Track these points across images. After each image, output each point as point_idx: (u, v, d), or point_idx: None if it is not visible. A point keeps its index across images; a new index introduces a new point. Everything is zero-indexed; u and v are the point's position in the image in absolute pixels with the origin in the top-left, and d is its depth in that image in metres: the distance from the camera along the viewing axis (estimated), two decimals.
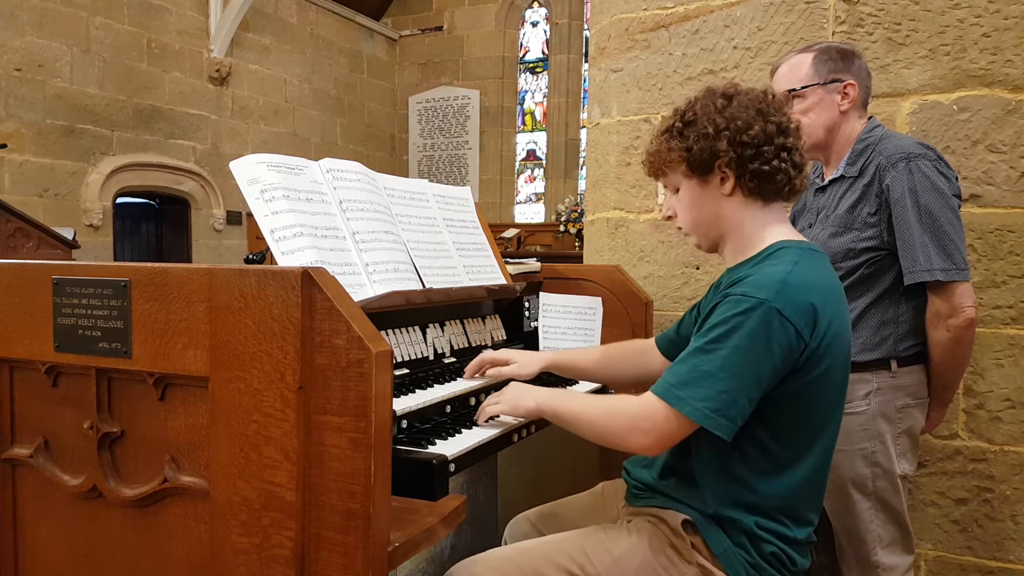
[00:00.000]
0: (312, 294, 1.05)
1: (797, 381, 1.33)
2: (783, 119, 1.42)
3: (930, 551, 2.24)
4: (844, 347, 1.40)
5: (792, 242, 1.42)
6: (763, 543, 1.38)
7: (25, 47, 6.31)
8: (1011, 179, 2.11)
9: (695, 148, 1.43)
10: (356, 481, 1.05)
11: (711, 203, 1.46)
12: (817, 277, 1.37)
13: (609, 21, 2.79)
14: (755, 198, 1.44)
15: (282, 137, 8.98)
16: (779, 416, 1.35)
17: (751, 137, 1.39)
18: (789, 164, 1.41)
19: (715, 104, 1.43)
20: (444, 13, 10.72)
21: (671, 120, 1.48)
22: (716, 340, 1.31)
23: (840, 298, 1.42)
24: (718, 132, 1.40)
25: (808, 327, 1.31)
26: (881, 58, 2.24)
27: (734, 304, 1.31)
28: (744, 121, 1.40)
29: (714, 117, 1.41)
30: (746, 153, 1.40)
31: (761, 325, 1.28)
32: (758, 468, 1.37)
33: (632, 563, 1.41)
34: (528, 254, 8.35)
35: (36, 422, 1.33)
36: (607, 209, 2.83)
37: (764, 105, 1.42)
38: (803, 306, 1.30)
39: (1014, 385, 2.14)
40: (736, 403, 1.29)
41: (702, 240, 1.52)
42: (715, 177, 1.44)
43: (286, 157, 1.58)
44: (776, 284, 1.31)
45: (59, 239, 4.89)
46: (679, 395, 1.30)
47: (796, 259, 1.37)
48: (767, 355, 1.28)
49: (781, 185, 1.43)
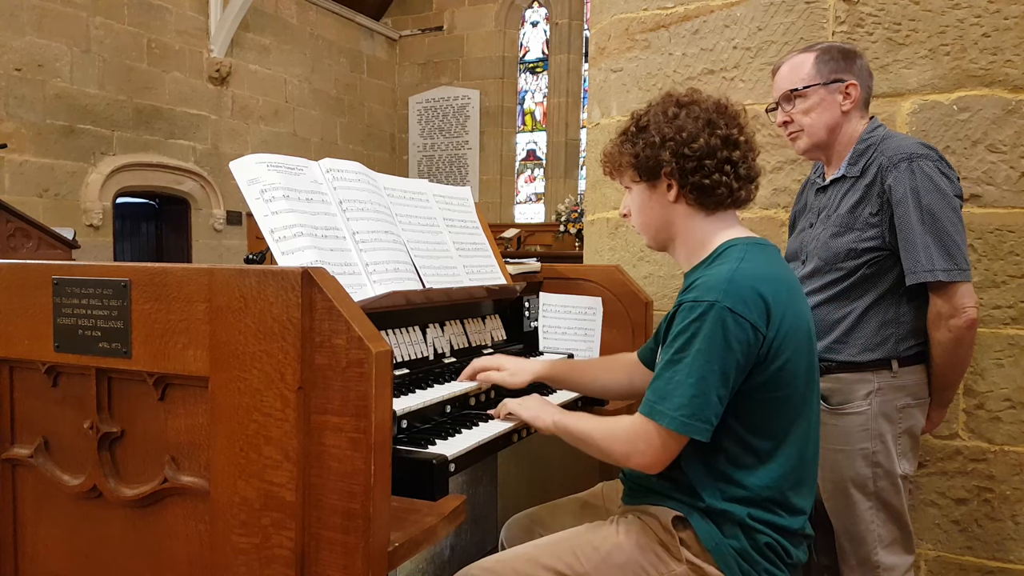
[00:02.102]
0: (312, 294, 1.05)
1: (762, 373, 1.36)
2: (732, 132, 1.45)
3: (930, 551, 2.24)
4: (803, 334, 1.43)
5: (739, 239, 1.47)
6: (757, 534, 1.40)
7: (25, 47, 6.30)
8: (1011, 179, 2.11)
9: (641, 155, 1.48)
10: (356, 481, 1.05)
11: (659, 208, 1.52)
12: (764, 269, 1.40)
13: (609, 21, 2.79)
14: (698, 208, 1.48)
15: (282, 137, 8.98)
16: (751, 409, 1.39)
17: (693, 150, 1.43)
18: (732, 177, 1.44)
19: (666, 113, 1.47)
20: (444, 13, 10.72)
21: (628, 123, 1.53)
22: (679, 350, 1.35)
23: (792, 288, 1.44)
24: (664, 142, 1.45)
25: (763, 319, 1.34)
26: (881, 58, 2.24)
27: (688, 311, 1.36)
28: (689, 133, 1.43)
29: (663, 126, 1.46)
30: (687, 165, 1.44)
31: (716, 326, 1.32)
32: (741, 463, 1.40)
33: (619, 560, 1.43)
34: (528, 254, 8.35)
35: (36, 422, 1.33)
36: (607, 209, 2.83)
37: (715, 116, 1.45)
38: (753, 299, 1.34)
39: (1014, 385, 2.14)
40: (708, 404, 1.32)
41: (651, 241, 1.58)
42: (662, 184, 1.49)
43: (286, 157, 1.58)
44: (724, 283, 1.34)
45: (59, 239, 4.89)
46: (660, 410, 1.35)
47: (742, 255, 1.40)
48: (728, 353, 1.32)
49: (722, 198, 1.46)
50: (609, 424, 1.47)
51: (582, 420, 1.53)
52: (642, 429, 1.37)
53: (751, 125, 1.56)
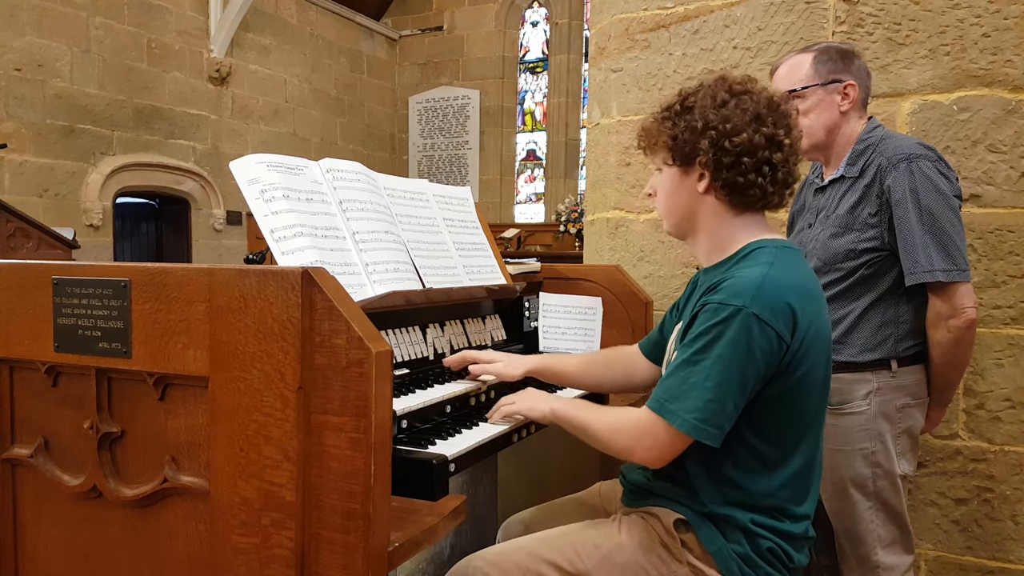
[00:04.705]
0: (312, 294, 1.05)
1: (782, 383, 1.33)
2: (779, 132, 1.37)
3: (930, 551, 2.24)
4: (825, 345, 1.40)
5: (767, 241, 1.41)
6: (759, 539, 1.38)
7: (25, 47, 6.30)
8: (1011, 179, 2.11)
9: (680, 138, 1.41)
10: (356, 481, 1.05)
11: (687, 196, 1.45)
12: (793, 277, 1.35)
13: (609, 21, 2.79)
14: (727, 205, 1.42)
15: (282, 137, 8.98)
16: (766, 417, 1.36)
17: (734, 144, 1.35)
18: (768, 180, 1.38)
19: (715, 98, 1.39)
20: (444, 13, 10.72)
21: (674, 100, 1.45)
22: (700, 351, 1.31)
23: (817, 297, 1.41)
24: (706, 128, 1.37)
25: (788, 329, 1.30)
26: (881, 58, 2.24)
27: (713, 313, 1.31)
28: (734, 125, 1.36)
29: (708, 112, 1.38)
30: (724, 159, 1.37)
31: (741, 332, 1.28)
32: (748, 468, 1.38)
33: (620, 559, 1.42)
34: (528, 254, 8.35)
35: (36, 422, 1.33)
36: (607, 209, 2.83)
37: (765, 111, 1.37)
38: (781, 308, 1.30)
39: (1014, 385, 2.14)
40: (723, 411, 1.30)
41: (672, 228, 1.52)
42: (694, 172, 1.42)
43: (286, 157, 1.58)
44: (752, 288, 1.29)
45: (59, 239, 4.89)
46: (671, 409, 1.32)
47: (772, 259, 1.35)
48: (750, 361, 1.28)
49: (754, 199, 1.40)
50: (613, 416, 1.44)
51: (583, 409, 1.49)
52: (649, 425, 1.34)
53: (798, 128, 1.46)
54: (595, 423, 1.44)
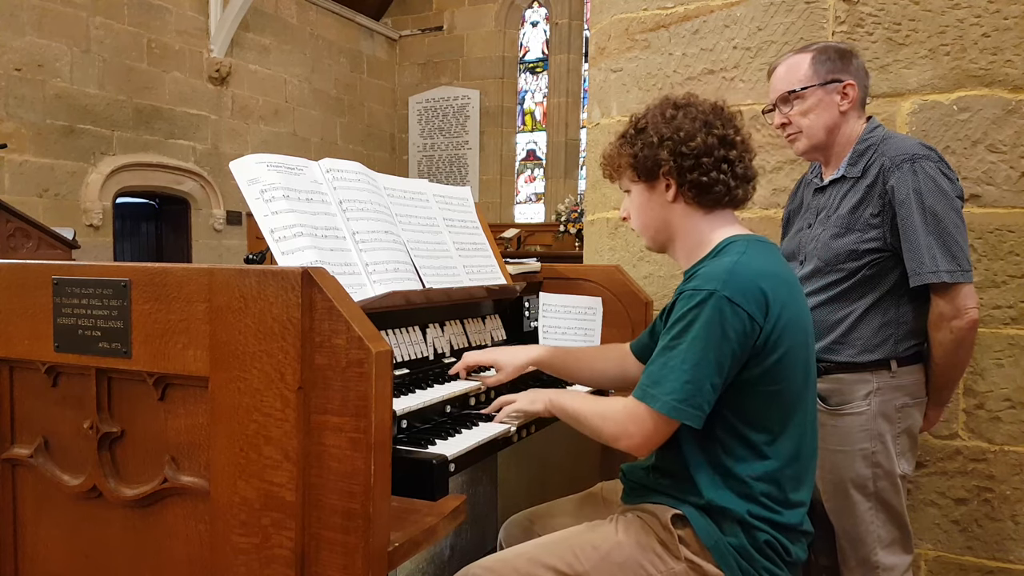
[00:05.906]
0: (312, 294, 1.05)
1: (758, 365, 1.38)
2: (728, 132, 1.48)
3: (930, 551, 2.24)
4: (801, 331, 1.44)
5: (740, 236, 1.49)
6: (756, 531, 1.41)
7: (25, 47, 6.30)
8: (1011, 179, 2.11)
9: (640, 155, 1.51)
10: (356, 481, 1.05)
11: (658, 208, 1.54)
12: (765, 264, 1.42)
13: (609, 21, 2.79)
14: (696, 207, 1.51)
15: (282, 137, 8.98)
16: (748, 402, 1.41)
17: (690, 148, 1.46)
18: (729, 176, 1.48)
19: (664, 114, 1.50)
20: (444, 13, 10.72)
21: (627, 126, 1.56)
22: (676, 336, 1.38)
23: (790, 283, 1.47)
24: (662, 141, 1.48)
25: (760, 311, 1.36)
26: (881, 58, 2.24)
27: (688, 299, 1.38)
28: (687, 132, 1.47)
29: (660, 127, 1.49)
30: (685, 163, 1.47)
31: (714, 314, 1.34)
32: (738, 455, 1.42)
33: (619, 558, 1.44)
34: (528, 254, 8.35)
35: (36, 422, 1.33)
36: (607, 209, 2.83)
37: (712, 117, 1.49)
38: (752, 291, 1.36)
39: (1014, 385, 2.13)
40: (701, 391, 1.35)
41: (651, 242, 1.61)
42: (660, 184, 1.52)
43: (286, 157, 1.58)
44: (724, 274, 1.37)
45: (59, 239, 4.88)
46: (652, 393, 1.38)
47: (743, 249, 1.43)
48: (724, 342, 1.34)
49: (720, 196, 1.49)
50: (603, 405, 1.50)
51: (577, 399, 1.56)
52: (634, 411, 1.40)
53: (748, 126, 1.59)
54: (586, 411, 1.50)
